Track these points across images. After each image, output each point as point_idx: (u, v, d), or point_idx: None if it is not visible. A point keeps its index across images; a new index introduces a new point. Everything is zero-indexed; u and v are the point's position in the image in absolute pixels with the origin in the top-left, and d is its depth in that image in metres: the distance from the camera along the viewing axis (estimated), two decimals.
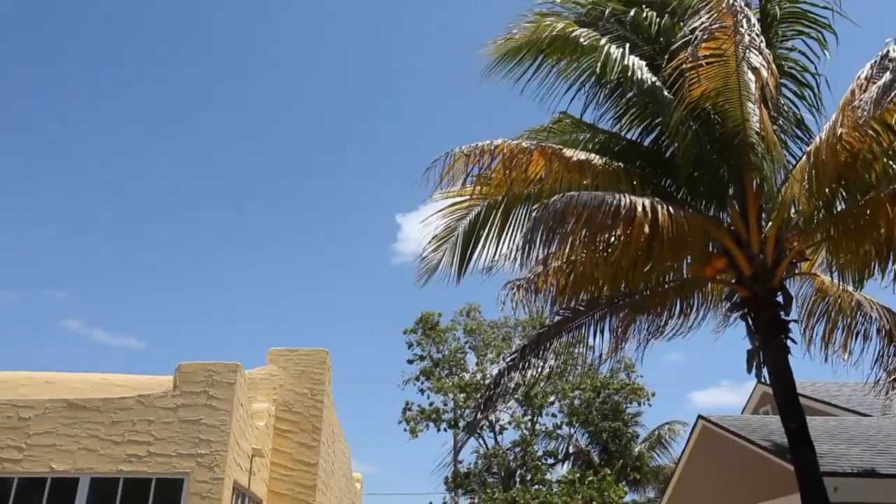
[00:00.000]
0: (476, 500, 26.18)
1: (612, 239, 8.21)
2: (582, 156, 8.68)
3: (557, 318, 9.68)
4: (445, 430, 34.30)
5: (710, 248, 9.23)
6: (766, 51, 7.81)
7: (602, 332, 9.64)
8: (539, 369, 9.97)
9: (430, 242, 9.80)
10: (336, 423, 13.27)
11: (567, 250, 8.41)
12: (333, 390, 12.55)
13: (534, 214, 8.46)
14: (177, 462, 8.19)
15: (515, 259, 9.35)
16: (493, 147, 8.52)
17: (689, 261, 9.20)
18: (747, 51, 7.64)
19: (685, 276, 9.47)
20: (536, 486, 25.48)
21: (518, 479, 28.09)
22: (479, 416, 10.44)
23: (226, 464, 8.22)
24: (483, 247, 9.65)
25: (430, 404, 33.76)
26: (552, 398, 31.60)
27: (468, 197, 9.61)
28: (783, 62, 9.38)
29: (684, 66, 8.03)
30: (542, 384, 10.67)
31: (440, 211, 9.70)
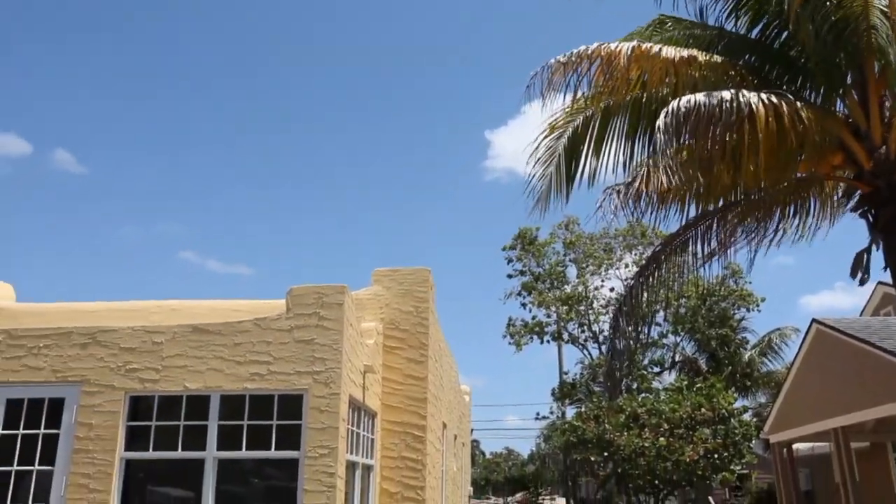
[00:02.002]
0: (583, 409, 26.57)
1: (727, 138, 7.80)
2: (685, 53, 8.20)
3: (662, 224, 9.42)
4: (549, 342, 34.71)
5: (826, 143, 8.64)
6: None
7: (710, 237, 9.33)
8: (659, 280, 9.84)
9: (534, 167, 9.63)
10: (442, 338, 13.64)
11: (677, 154, 8.08)
12: (438, 307, 12.86)
13: (643, 122, 8.15)
14: (295, 379, 8.68)
15: (618, 168, 9.10)
16: (590, 52, 8.17)
17: (802, 158, 8.67)
18: None
19: (799, 174, 8.95)
20: (643, 395, 25.56)
21: (624, 389, 28.22)
22: (619, 338, 10.42)
23: (340, 380, 8.64)
24: (584, 162, 9.41)
25: (533, 318, 34.14)
26: (656, 307, 31.24)
27: (567, 113, 9.34)
28: None
29: None
30: (646, 295, 10.49)
31: (542, 134, 9.49)
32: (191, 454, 8.57)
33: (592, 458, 22.24)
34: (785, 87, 8.79)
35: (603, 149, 9.27)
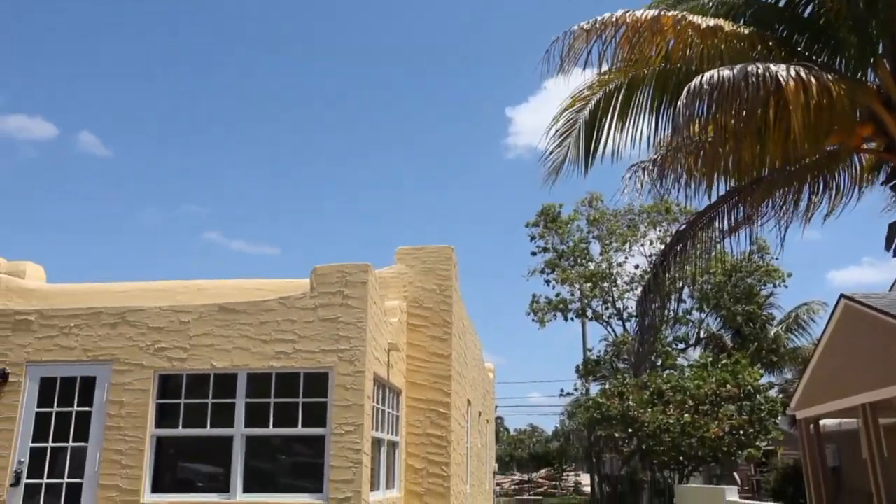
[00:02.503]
0: (607, 386, 26.58)
1: (754, 112, 7.65)
2: (711, 22, 8.02)
3: (689, 201, 9.29)
4: (573, 319, 34.63)
5: (856, 115, 8.46)
6: None
7: (737, 213, 9.21)
8: (684, 257, 9.76)
9: (552, 139, 9.54)
10: (465, 316, 13.68)
11: (703, 129, 7.94)
12: (461, 285, 12.88)
13: (666, 96, 8.02)
14: (320, 357, 8.76)
15: (642, 143, 8.98)
16: (615, 19, 7.99)
17: (831, 131, 8.49)
18: None
19: (828, 147, 8.78)
20: (668, 371, 25.48)
21: (648, 365, 28.14)
22: (645, 316, 10.35)
23: (365, 358, 8.70)
24: (606, 136, 9.29)
25: (557, 295, 34.05)
26: (680, 283, 30.99)
27: (589, 86, 9.21)
28: None
29: None
30: (670, 272, 10.40)
31: (563, 106, 9.38)
32: (219, 431, 8.71)
33: (616, 435, 22.26)
34: (814, 57, 8.60)
35: (627, 122, 9.15)
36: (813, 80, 7.08)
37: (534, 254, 34.75)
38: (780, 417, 22.10)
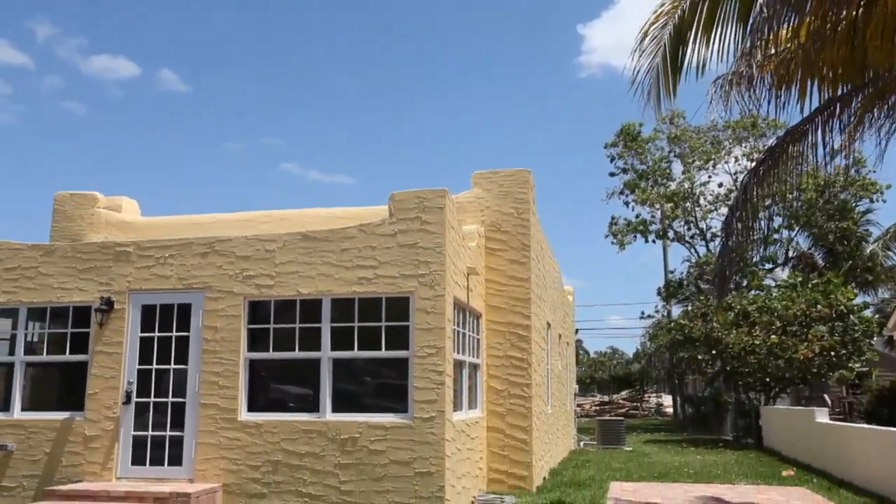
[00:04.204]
0: (689, 308, 26.14)
1: (850, 13, 7.07)
2: None
3: (779, 114, 8.77)
4: (654, 241, 33.95)
5: None
6: None
7: (833, 126, 8.67)
8: (774, 174, 9.30)
9: (638, 59, 9.10)
10: (543, 239, 13.60)
11: (796, 34, 7.41)
12: (539, 208, 12.76)
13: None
14: (401, 282, 8.93)
15: (728, 56, 8.48)
16: None
17: None
18: None
19: None
20: (754, 292, 24.79)
21: (733, 286, 27.41)
22: (729, 236, 10.00)
23: (445, 282, 8.81)
24: (691, 51, 8.81)
25: (637, 216, 33.36)
26: (769, 201, 29.76)
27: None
28: None
29: None
30: (758, 189, 9.95)
31: (647, 23, 8.91)
32: (307, 354, 9.08)
33: (699, 357, 22.00)
34: None
35: (713, 34, 8.63)
36: None
37: (613, 175, 33.96)
38: (875, 338, 21.28)
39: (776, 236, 30.39)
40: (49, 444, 9.49)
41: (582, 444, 20.37)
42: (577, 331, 24.75)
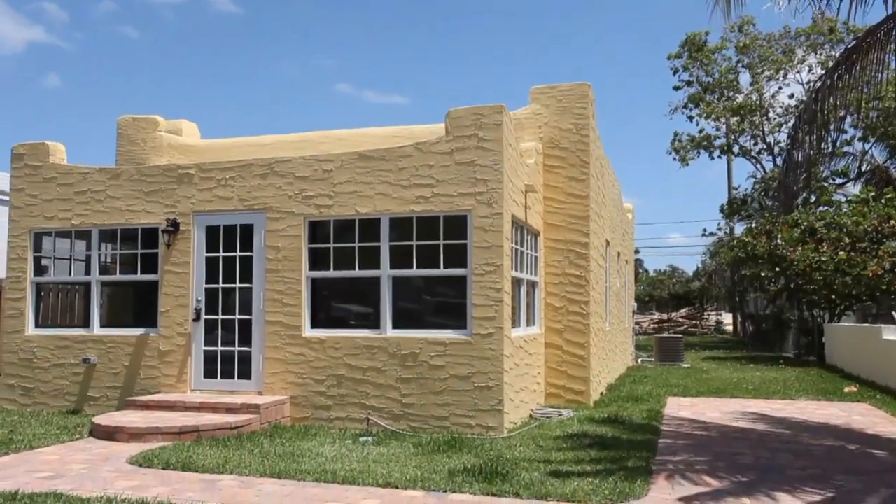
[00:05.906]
0: (753, 225, 25.43)
1: None
2: None
3: (859, 16, 8.20)
4: (719, 156, 32.91)
5: None
6: None
7: None
8: (850, 82, 8.77)
9: None
10: (603, 155, 13.28)
11: None
12: (598, 124, 12.41)
13: None
14: (458, 200, 8.89)
15: None
16: None
17: None
18: None
19: None
20: (822, 208, 23.92)
21: (800, 202, 26.51)
22: (797, 149, 9.56)
23: (502, 200, 8.74)
24: None
25: (701, 131, 32.24)
26: (842, 111, 28.26)
27: None
28: None
29: None
30: (832, 99, 9.41)
31: None
32: (367, 273, 9.23)
33: (763, 274, 21.52)
34: None
35: None
36: None
37: (677, 88, 32.71)
38: None
39: (848, 149, 29.01)
40: (127, 357, 10.02)
41: (640, 360, 20.44)
42: (636, 249, 24.45)
